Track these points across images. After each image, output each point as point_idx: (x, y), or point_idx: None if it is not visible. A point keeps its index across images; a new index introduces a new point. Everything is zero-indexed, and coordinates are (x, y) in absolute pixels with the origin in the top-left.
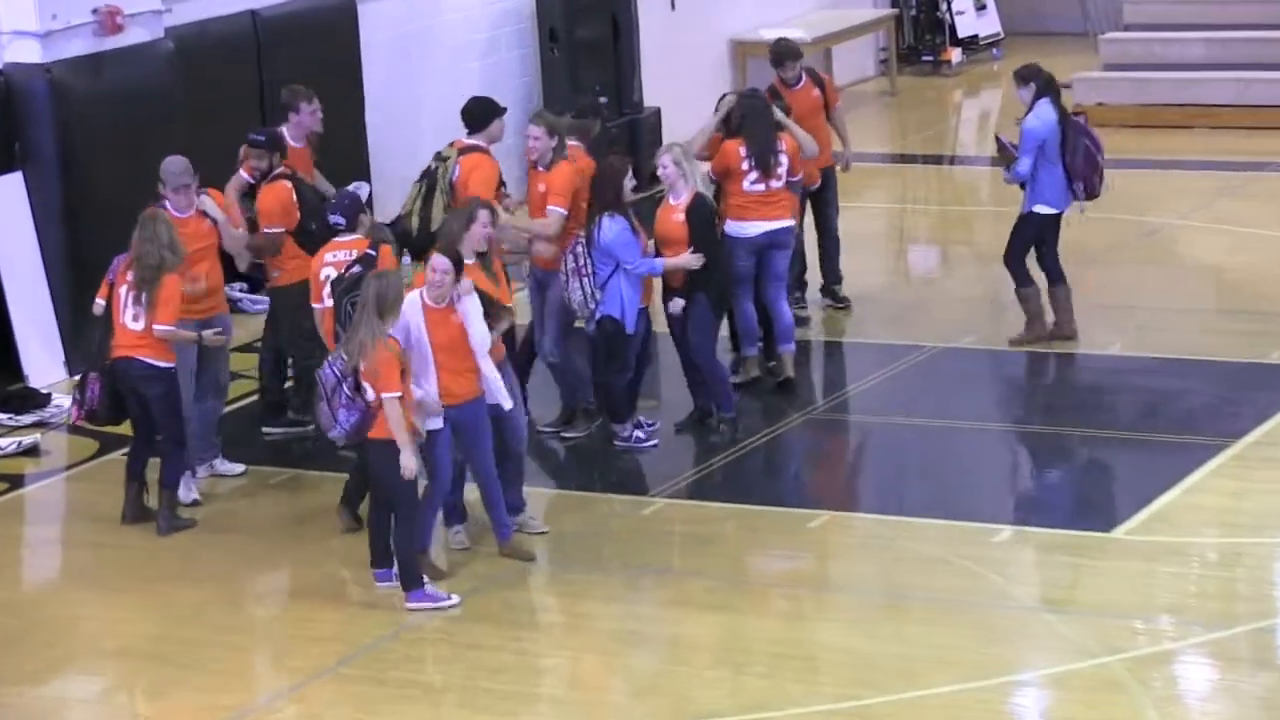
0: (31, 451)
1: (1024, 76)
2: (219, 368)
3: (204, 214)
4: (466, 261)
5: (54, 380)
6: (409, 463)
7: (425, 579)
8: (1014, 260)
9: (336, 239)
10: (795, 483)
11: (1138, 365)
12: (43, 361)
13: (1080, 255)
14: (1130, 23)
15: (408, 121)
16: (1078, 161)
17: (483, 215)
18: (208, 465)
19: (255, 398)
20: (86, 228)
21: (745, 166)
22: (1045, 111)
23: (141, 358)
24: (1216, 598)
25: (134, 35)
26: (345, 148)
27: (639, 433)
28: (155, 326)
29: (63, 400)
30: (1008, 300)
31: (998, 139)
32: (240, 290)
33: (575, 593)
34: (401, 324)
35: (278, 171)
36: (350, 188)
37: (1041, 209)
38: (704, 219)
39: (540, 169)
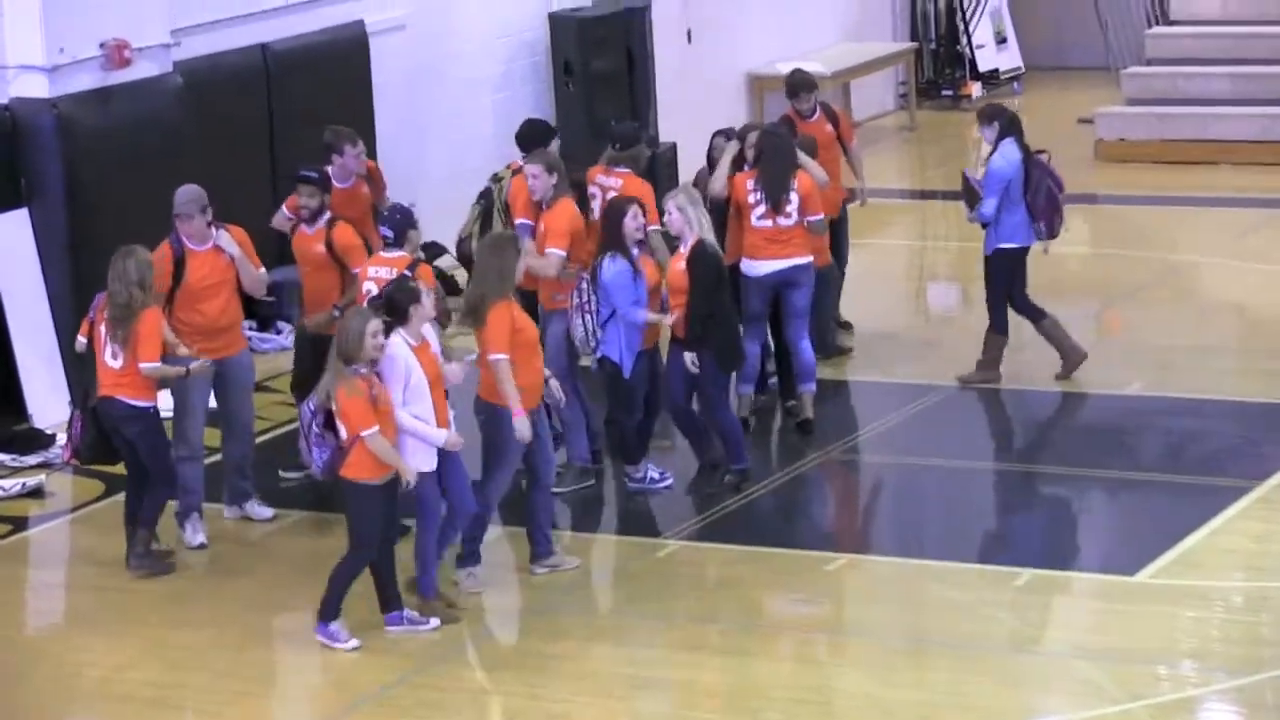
0: (36, 493)
1: (988, 115)
2: (235, 408)
3: (220, 249)
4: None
5: (59, 421)
6: (414, 479)
7: (338, 624)
8: (997, 303)
9: (380, 254)
10: (812, 525)
11: (1160, 405)
12: (47, 401)
13: (1102, 293)
14: (1153, 57)
15: (420, 155)
16: (1039, 201)
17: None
18: (237, 508)
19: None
20: (93, 266)
21: (753, 200)
22: (1010, 151)
23: (121, 398)
24: (1241, 643)
25: (142, 69)
26: None
27: (653, 473)
28: (140, 365)
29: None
30: (1028, 339)
31: (965, 176)
32: (250, 329)
33: (587, 636)
34: (401, 369)
35: (333, 215)
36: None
37: (1007, 245)
38: (705, 268)
39: (542, 208)
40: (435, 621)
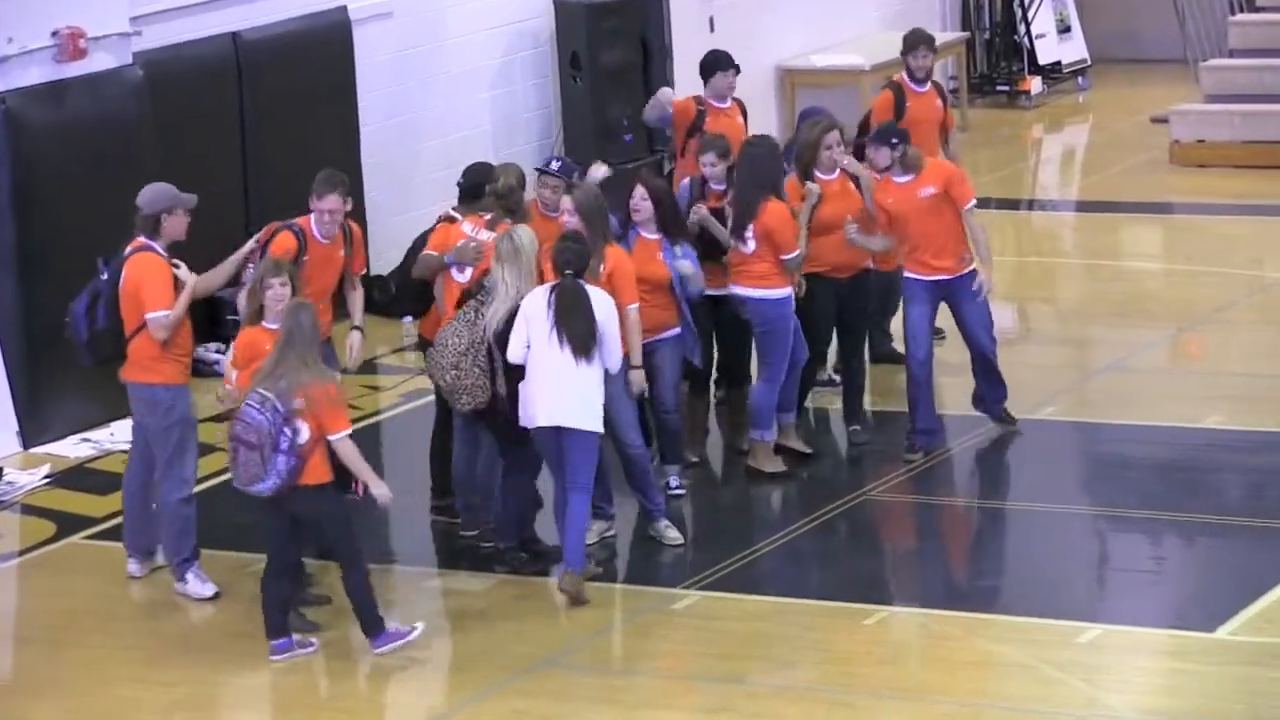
0: None
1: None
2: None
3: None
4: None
5: (7, 453)
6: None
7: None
8: None
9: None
10: (849, 573)
11: (1242, 440)
12: None
13: (1178, 315)
14: (1236, 48)
15: (407, 157)
16: None
17: None
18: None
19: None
20: (45, 280)
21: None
22: None
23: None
24: None
25: (98, 61)
26: None
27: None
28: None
29: (15, 475)
30: (1093, 367)
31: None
32: (217, 351)
33: (595, 698)
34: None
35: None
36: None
37: None
38: None
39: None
40: (383, 619)
